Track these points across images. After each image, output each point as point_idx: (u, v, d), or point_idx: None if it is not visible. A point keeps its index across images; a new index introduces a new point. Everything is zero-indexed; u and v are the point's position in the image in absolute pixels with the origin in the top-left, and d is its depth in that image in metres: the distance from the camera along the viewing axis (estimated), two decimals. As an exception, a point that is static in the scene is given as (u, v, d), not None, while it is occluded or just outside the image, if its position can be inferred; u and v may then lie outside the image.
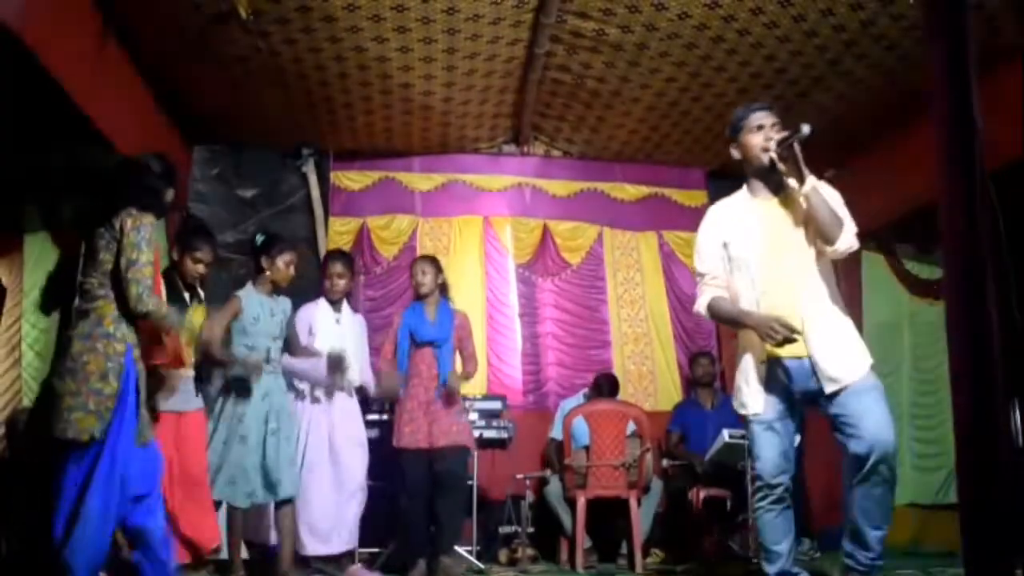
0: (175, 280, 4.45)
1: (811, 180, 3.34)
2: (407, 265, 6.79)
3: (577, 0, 5.00)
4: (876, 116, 6.13)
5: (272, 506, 4.73)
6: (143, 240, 3.23)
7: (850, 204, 3.56)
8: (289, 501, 4.62)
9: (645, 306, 7.15)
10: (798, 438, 5.57)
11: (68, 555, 3.13)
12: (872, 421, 3.13)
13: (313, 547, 4.94)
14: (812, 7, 4.85)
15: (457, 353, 5.19)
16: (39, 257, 6.46)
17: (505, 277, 7.00)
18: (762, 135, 3.42)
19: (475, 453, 5.42)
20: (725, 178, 7.26)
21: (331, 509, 4.97)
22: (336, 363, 4.97)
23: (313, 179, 6.96)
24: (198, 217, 4.96)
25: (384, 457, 5.26)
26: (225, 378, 4.68)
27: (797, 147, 3.32)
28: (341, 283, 5.19)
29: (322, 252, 6.85)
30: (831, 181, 3.67)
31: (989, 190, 1.77)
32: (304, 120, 6.36)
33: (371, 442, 5.25)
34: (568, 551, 5.47)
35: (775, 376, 3.32)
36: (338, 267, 5.18)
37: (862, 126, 6.31)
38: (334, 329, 5.20)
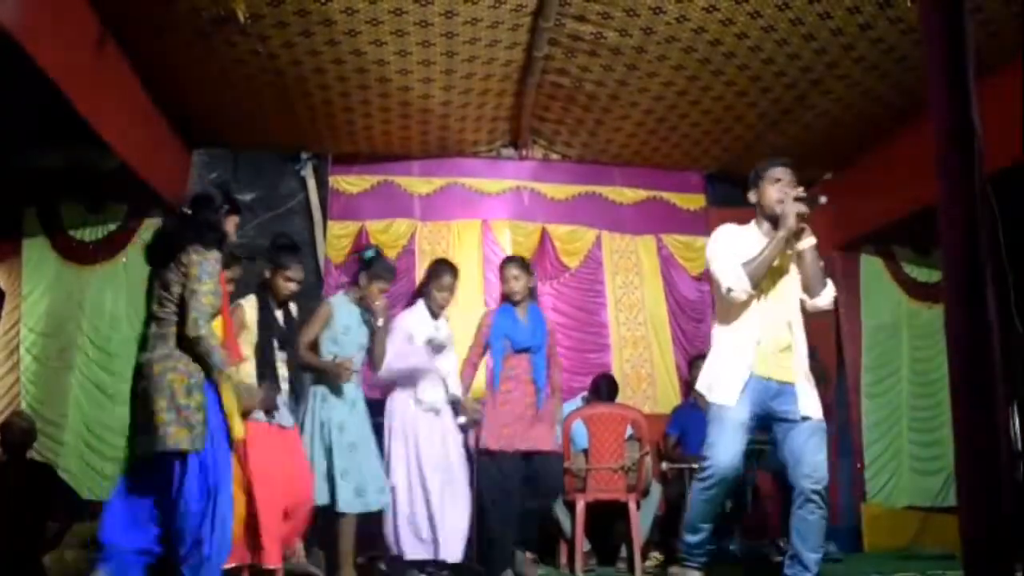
0: (267, 299, 4.57)
1: (812, 239, 3.83)
2: (406, 269, 6.82)
3: (575, 4, 5.00)
4: (875, 119, 6.14)
5: (385, 513, 4.87)
6: (205, 273, 3.50)
7: (849, 207, 3.71)
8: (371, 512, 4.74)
9: (644, 310, 7.15)
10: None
11: (208, 562, 3.40)
12: (818, 459, 3.71)
13: (415, 551, 4.92)
14: (810, 10, 4.86)
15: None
16: (37, 261, 6.48)
17: (503, 280, 7.00)
18: (778, 188, 3.86)
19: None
20: (723, 181, 7.28)
21: (440, 517, 4.91)
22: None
23: (312, 183, 6.96)
24: (286, 235, 5.07)
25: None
26: (315, 383, 4.80)
27: (809, 210, 3.78)
28: (448, 298, 5.21)
29: (321, 256, 6.86)
30: (828, 183, 3.89)
31: (988, 193, 1.77)
32: (303, 124, 6.36)
33: None
34: (567, 554, 5.46)
35: (754, 386, 3.77)
36: (447, 280, 5.16)
37: (861, 129, 6.32)
38: (435, 336, 5.19)
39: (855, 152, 6.76)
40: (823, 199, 3.79)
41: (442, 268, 5.24)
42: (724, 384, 3.81)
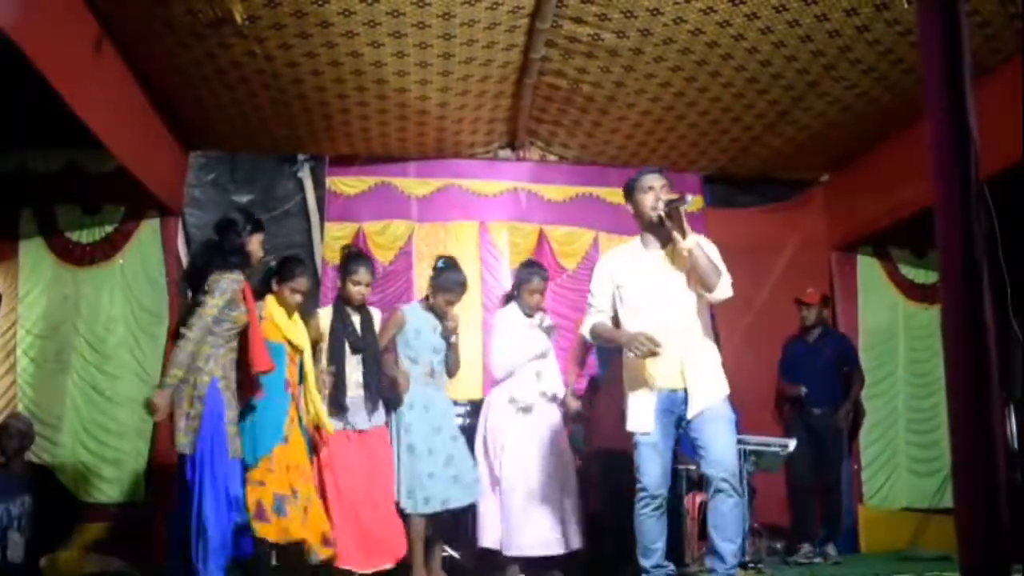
0: (342, 306, 5.01)
1: (692, 237, 3.84)
2: (403, 270, 6.83)
3: (572, 5, 5.01)
4: (872, 121, 6.15)
5: (477, 510, 5.14)
6: (216, 291, 4.03)
7: (846, 209, 3.68)
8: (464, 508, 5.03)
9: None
10: (793, 443, 5.64)
11: (196, 558, 3.87)
12: (720, 446, 3.86)
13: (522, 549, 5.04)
14: (807, 12, 4.86)
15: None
16: (34, 262, 6.46)
17: (501, 282, 6.99)
18: (652, 195, 3.95)
19: None
20: (721, 183, 7.29)
21: (530, 516, 5.04)
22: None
23: (309, 184, 6.96)
24: (354, 247, 5.63)
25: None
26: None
27: (682, 210, 3.83)
28: (539, 299, 5.36)
29: (318, 258, 6.87)
30: (825, 186, 3.88)
31: (984, 195, 1.77)
32: (300, 125, 6.36)
33: None
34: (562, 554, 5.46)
35: (661, 403, 3.93)
36: (536, 282, 5.32)
37: (858, 130, 6.33)
38: (528, 335, 5.31)
39: (852, 154, 6.77)
40: (689, 198, 3.93)
41: (531, 271, 5.45)
42: (634, 412, 4.00)
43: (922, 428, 7.16)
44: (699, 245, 3.88)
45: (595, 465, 5.21)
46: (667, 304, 3.93)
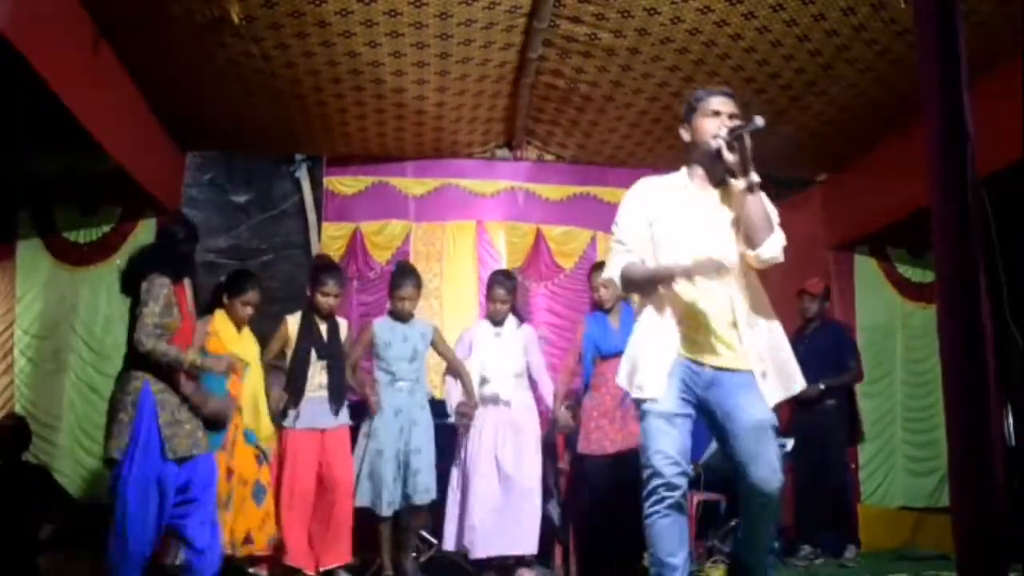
0: (310, 316, 5.12)
1: (754, 177, 3.06)
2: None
3: (570, 5, 5.00)
4: (869, 120, 6.14)
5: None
6: (150, 297, 3.86)
7: (843, 208, 3.48)
8: (421, 507, 5.14)
9: (638, 309, 7.14)
10: (790, 442, 5.63)
11: (110, 557, 3.70)
12: (770, 463, 2.99)
13: (478, 549, 5.14)
14: (804, 12, 4.86)
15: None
16: (32, 263, 6.47)
17: (499, 281, 7.00)
18: (716, 121, 3.15)
19: None
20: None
21: (496, 512, 5.14)
22: (462, 413, 5.32)
23: (306, 184, 6.97)
24: (325, 255, 5.73)
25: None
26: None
27: (747, 139, 3.04)
28: (504, 308, 5.38)
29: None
30: (823, 185, 3.58)
31: (980, 195, 1.77)
32: (297, 125, 6.36)
33: None
34: (562, 556, 5.46)
35: (681, 370, 3.07)
36: (499, 292, 5.37)
37: (855, 130, 6.33)
38: (493, 344, 5.41)
39: (850, 153, 6.77)
40: (759, 120, 2.99)
41: (494, 280, 5.50)
42: (644, 375, 3.13)
43: (919, 427, 7.17)
44: (757, 188, 3.07)
45: (584, 472, 5.18)
46: (712, 254, 3.03)
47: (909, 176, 5.29)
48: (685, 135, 3.27)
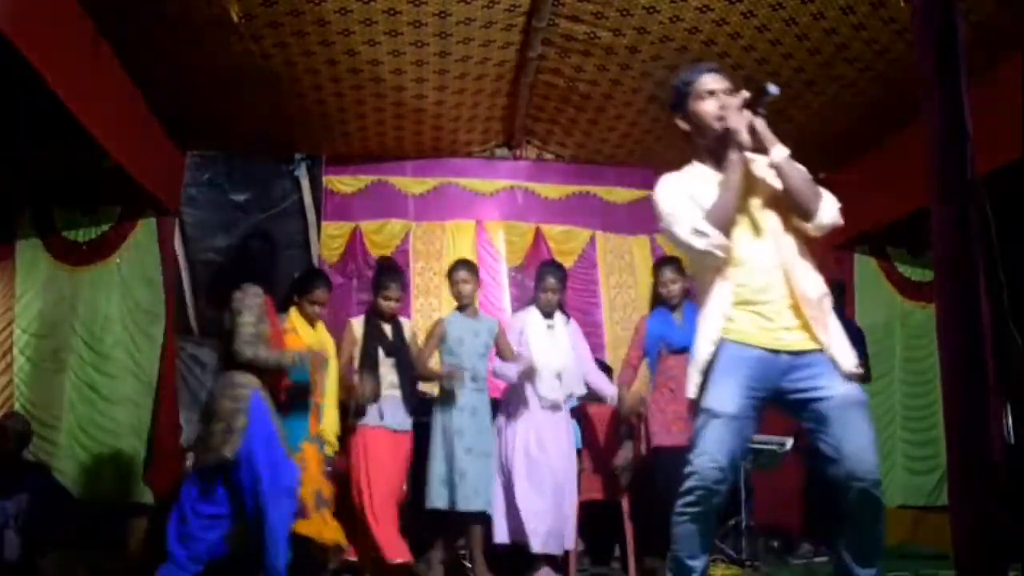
0: (374, 318, 5.13)
1: (781, 148, 2.83)
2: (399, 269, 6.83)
3: (569, 4, 5.01)
4: (869, 119, 6.14)
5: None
6: (244, 307, 4.08)
7: (843, 207, 3.32)
8: (479, 515, 5.01)
9: (638, 309, 7.13)
10: (790, 441, 5.62)
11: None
12: (853, 439, 2.61)
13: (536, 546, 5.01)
14: (803, 10, 4.86)
15: None
16: (31, 262, 6.46)
17: (498, 281, 6.99)
18: (714, 101, 2.91)
19: None
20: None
21: (544, 512, 5.03)
22: (528, 372, 5.11)
23: (306, 183, 6.95)
24: (387, 258, 5.75)
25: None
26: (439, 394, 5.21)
27: (762, 112, 2.84)
28: (555, 298, 5.31)
29: (315, 257, 6.86)
30: (822, 184, 3.43)
31: (979, 193, 1.77)
32: (296, 124, 6.36)
33: None
34: (561, 554, 5.46)
35: (753, 365, 2.80)
36: (551, 281, 5.28)
37: (854, 129, 6.33)
38: (545, 336, 5.29)
39: (849, 152, 6.76)
40: (773, 88, 2.77)
41: (545, 270, 5.42)
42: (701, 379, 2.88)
43: (918, 426, 7.17)
44: (788, 158, 2.84)
45: (659, 465, 5.09)
46: (762, 241, 2.86)
47: (909, 175, 5.30)
48: (683, 125, 3.02)
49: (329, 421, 4.86)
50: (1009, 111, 4.48)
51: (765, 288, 2.81)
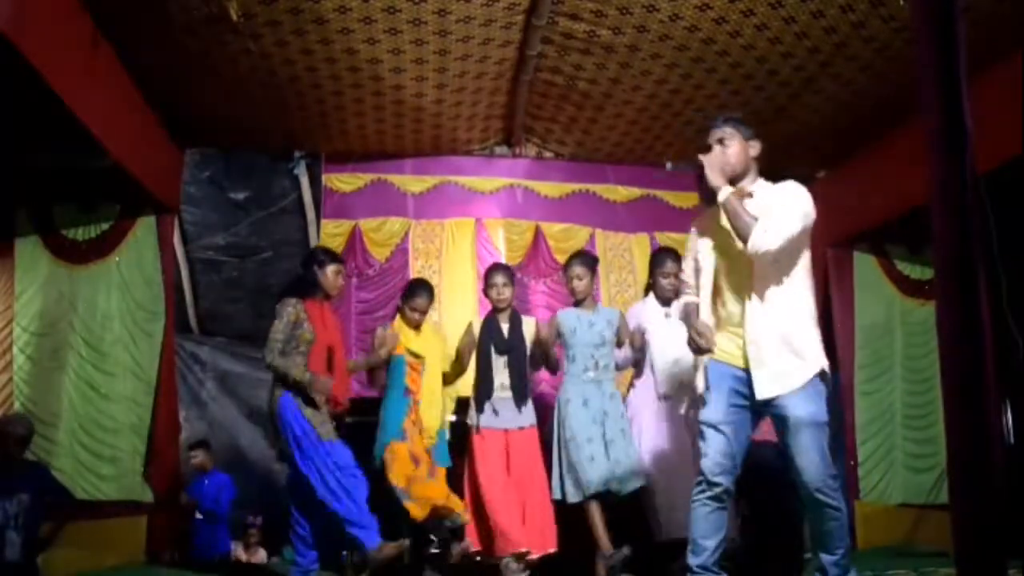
0: (492, 314, 5.35)
1: (724, 191, 3.39)
2: (400, 267, 6.83)
3: (568, 2, 5.00)
4: (868, 117, 6.14)
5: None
6: (277, 316, 4.62)
7: (842, 205, 3.54)
8: (626, 496, 4.98)
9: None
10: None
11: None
12: (797, 451, 3.29)
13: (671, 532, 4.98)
14: (803, 9, 4.86)
15: None
16: (30, 260, 6.46)
17: (497, 279, 6.99)
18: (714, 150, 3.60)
19: None
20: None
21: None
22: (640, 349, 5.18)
23: (305, 181, 6.95)
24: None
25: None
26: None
27: (706, 158, 3.52)
28: (674, 284, 5.20)
29: (314, 255, 6.87)
30: (821, 182, 3.64)
31: (979, 191, 1.77)
32: (296, 122, 6.36)
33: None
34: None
35: (719, 376, 3.43)
36: (668, 265, 5.24)
37: (854, 127, 6.33)
38: (663, 325, 5.26)
39: (849, 150, 6.77)
40: (721, 129, 3.63)
41: (661, 254, 5.43)
42: (700, 376, 3.52)
43: (918, 424, 7.17)
44: (728, 199, 3.37)
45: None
46: (730, 269, 3.45)
47: (908, 173, 5.31)
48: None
49: (428, 416, 5.22)
50: (1009, 109, 4.48)
51: (737, 314, 3.40)
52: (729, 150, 3.56)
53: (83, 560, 5.68)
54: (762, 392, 3.30)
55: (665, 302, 5.27)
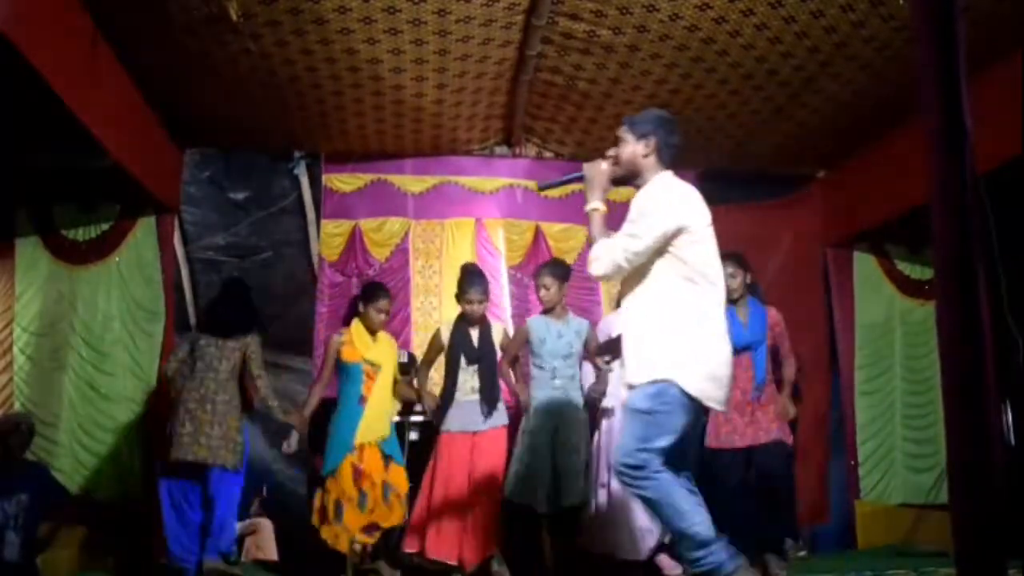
0: (461, 322, 5.39)
1: (591, 205, 3.77)
2: (400, 267, 6.82)
3: (568, 2, 5.00)
4: (868, 117, 6.15)
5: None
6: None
7: (842, 205, 3.53)
8: (575, 509, 5.12)
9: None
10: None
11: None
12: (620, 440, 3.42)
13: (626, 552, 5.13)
14: (803, 8, 4.86)
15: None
16: (30, 261, 6.46)
17: (497, 279, 6.98)
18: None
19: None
20: (717, 179, 7.29)
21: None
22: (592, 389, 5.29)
23: (305, 182, 6.95)
24: (470, 263, 5.83)
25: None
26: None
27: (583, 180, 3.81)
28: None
29: (314, 255, 6.88)
30: (821, 182, 3.68)
31: (979, 191, 1.77)
32: (295, 122, 6.35)
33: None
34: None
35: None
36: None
37: (854, 127, 6.33)
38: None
39: (849, 150, 6.77)
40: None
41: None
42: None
43: (918, 424, 7.17)
44: (590, 214, 3.75)
45: (713, 469, 5.10)
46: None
47: (908, 173, 5.32)
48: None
49: (378, 424, 5.24)
50: (1009, 109, 4.48)
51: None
52: (623, 151, 3.68)
53: (82, 561, 5.69)
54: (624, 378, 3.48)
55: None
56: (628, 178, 3.66)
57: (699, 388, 3.25)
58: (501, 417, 5.27)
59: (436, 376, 5.70)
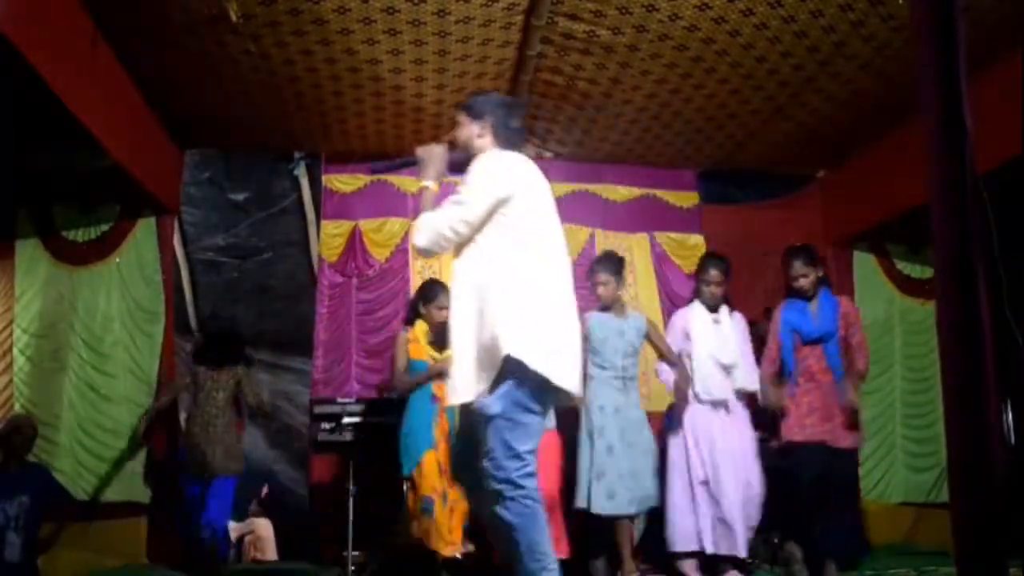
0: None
1: (424, 183, 3.77)
2: (400, 267, 6.82)
3: (568, 2, 5.00)
4: (867, 116, 6.15)
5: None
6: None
7: (842, 204, 3.48)
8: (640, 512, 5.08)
9: (638, 307, 7.14)
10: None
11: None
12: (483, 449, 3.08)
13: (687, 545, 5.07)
14: (802, 8, 4.86)
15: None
16: (30, 262, 6.46)
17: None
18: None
19: None
20: (717, 179, 7.30)
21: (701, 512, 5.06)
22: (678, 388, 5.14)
23: (305, 182, 6.95)
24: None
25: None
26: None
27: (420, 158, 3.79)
28: (719, 291, 5.28)
29: (314, 256, 6.87)
30: (821, 181, 3.59)
31: (979, 190, 1.77)
32: (295, 123, 6.35)
33: None
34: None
35: None
36: (711, 273, 5.26)
37: (854, 126, 6.33)
38: (712, 331, 5.27)
39: (848, 149, 6.78)
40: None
41: (707, 262, 5.41)
42: None
43: (918, 423, 7.17)
44: (425, 193, 3.73)
45: (794, 462, 4.99)
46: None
47: (908, 172, 5.29)
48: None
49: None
50: (1009, 109, 4.48)
51: None
52: (459, 133, 3.73)
53: (83, 561, 5.69)
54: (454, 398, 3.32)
55: (711, 308, 5.27)
56: (467, 162, 3.59)
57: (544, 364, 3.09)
58: (551, 419, 5.10)
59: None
